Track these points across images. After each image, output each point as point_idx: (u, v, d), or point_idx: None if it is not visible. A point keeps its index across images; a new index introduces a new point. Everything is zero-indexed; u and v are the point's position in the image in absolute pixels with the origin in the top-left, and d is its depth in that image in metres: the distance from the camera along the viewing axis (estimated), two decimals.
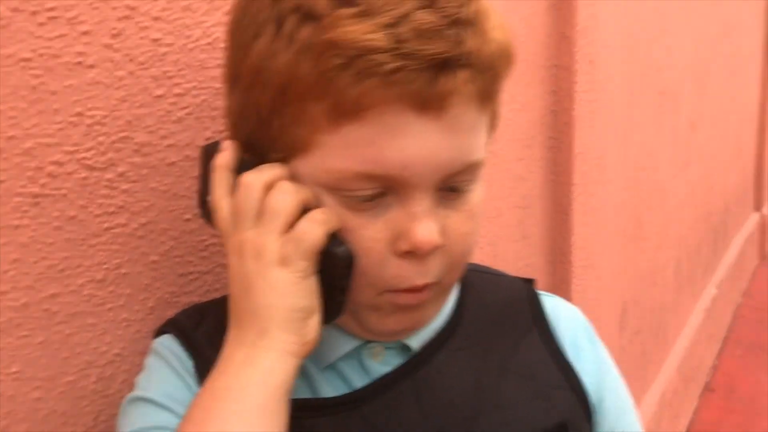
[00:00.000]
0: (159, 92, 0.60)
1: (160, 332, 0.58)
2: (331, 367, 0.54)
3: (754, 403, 2.98)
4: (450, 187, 0.49)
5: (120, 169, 0.57)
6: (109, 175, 0.57)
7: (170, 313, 0.61)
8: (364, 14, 0.43)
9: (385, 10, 0.43)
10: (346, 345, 0.54)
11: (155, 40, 0.59)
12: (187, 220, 0.64)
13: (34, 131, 0.51)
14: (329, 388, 0.53)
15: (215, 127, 0.64)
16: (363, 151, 0.46)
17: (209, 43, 0.63)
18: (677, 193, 2.45)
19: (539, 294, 0.62)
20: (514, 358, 0.57)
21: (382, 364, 0.54)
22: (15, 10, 0.49)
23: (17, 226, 0.51)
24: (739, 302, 4.06)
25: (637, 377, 2.13)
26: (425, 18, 0.43)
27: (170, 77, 0.60)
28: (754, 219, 4.71)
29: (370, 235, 0.48)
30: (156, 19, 0.58)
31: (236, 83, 0.50)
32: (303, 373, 0.51)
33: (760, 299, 4.19)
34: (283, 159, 0.48)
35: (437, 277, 0.50)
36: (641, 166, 1.95)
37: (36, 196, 0.52)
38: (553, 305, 0.62)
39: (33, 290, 0.53)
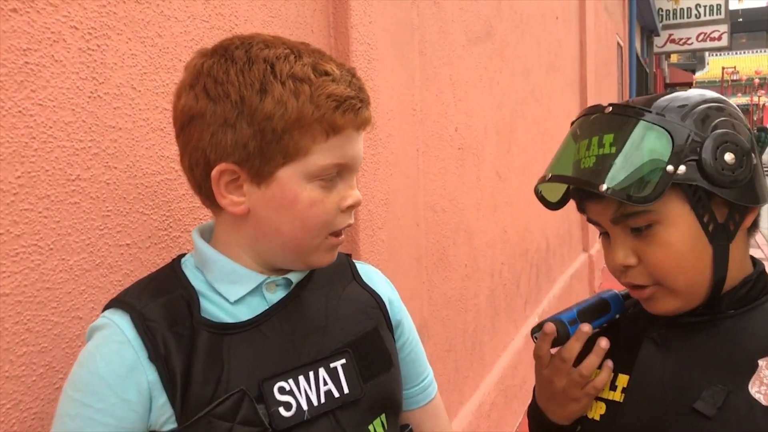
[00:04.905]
0: None
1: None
2: (242, 300, 0.82)
3: None
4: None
5: None
6: None
7: None
8: (334, 80, 0.77)
9: (342, 77, 0.79)
10: (250, 283, 0.82)
11: None
12: None
13: None
14: (242, 315, 0.80)
15: None
16: (338, 152, 0.79)
17: None
18: (486, 232, 2.88)
19: (354, 261, 0.97)
20: (344, 292, 0.90)
21: (274, 294, 0.84)
22: None
23: None
24: None
25: (453, 390, 2.48)
26: (356, 81, 0.81)
27: None
28: (582, 258, 5.34)
29: (330, 200, 0.80)
30: None
31: (246, 120, 0.75)
32: (221, 308, 0.80)
33: None
34: (283, 163, 0.77)
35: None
36: (442, 209, 2.34)
37: None
38: (363, 266, 0.98)
39: None
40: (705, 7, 14.35)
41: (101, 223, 0.97)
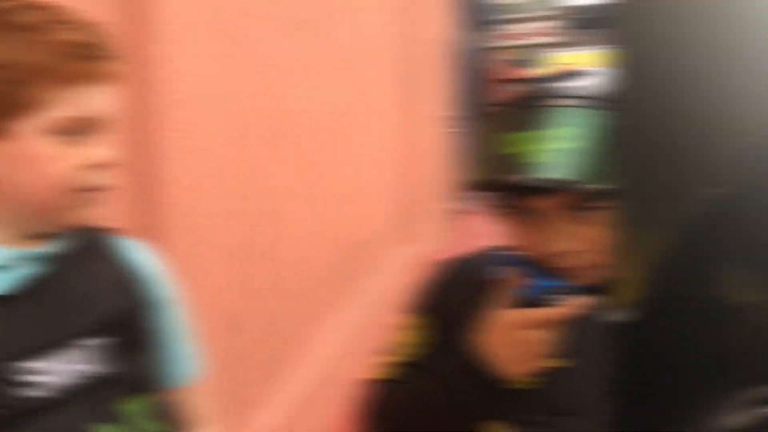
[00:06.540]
0: None
1: None
2: None
3: None
4: None
5: None
6: None
7: None
8: (72, 29, 0.77)
9: (83, 27, 0.78)
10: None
11: None
12: None
13: None
14: None
15: None
16: (77, 104, 0.77)
17: None
18: (302, 222, 2.86)
19: (117, 235, 0.93)
20: (101, 268, 0.87)
21: (21, 271, 0.78)
22: None
23: None
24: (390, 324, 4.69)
25: (267, 381, 2.44)
26: (98, 33, 0.80)
27: None
28: (406, 251, 5.47)
29: (72, 156, 0.77)
30: None
31: None
32: None
33: None
34: (17, 115, 0.74)
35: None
36: (251, 197, 2.28)
37: None
38: (126, 240, 0.93)
39: None
40: (538, 2, 15.26)
41: None
